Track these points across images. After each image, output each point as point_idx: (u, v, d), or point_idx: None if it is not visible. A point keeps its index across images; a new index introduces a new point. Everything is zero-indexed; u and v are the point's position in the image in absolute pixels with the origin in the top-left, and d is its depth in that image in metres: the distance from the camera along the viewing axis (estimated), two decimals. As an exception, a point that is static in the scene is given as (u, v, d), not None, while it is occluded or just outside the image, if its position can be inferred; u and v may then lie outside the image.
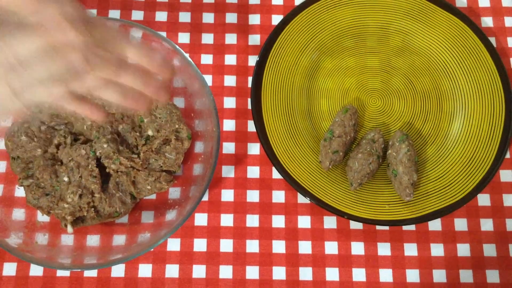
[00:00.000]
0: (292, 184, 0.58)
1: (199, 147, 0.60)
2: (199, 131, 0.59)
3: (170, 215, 0.56)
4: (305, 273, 0.57)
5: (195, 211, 0.59)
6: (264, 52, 0.63)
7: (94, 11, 0.68)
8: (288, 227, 0.59)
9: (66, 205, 0.54)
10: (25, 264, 0.57)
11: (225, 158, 0.62)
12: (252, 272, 0.57)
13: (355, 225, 0.59)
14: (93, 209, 0.55)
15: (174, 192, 0.59)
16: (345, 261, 0.58)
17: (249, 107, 0.64)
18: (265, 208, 0.60)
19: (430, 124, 0.63)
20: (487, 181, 0.58)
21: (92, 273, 0.57)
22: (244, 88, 0.65)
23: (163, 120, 0.58)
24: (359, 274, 0.57)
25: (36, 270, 0.57)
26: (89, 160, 0.55)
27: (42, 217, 0.57)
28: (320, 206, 0.57)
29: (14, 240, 0.53)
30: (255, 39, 0.67)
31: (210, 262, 0.58)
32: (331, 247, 0.58)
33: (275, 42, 0.64)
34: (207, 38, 0.67)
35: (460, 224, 0.60)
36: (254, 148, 0.62)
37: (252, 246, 0.58)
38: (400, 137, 0.58)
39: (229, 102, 0.64)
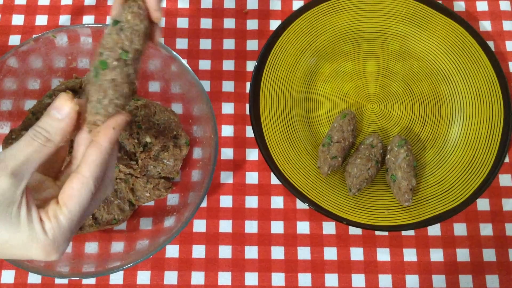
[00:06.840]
0: (290, 189, 0.57)
1: (197, 153, 0.60)
2: (197, 137, 0.59)
3: (169, 222, 0.56)
4: (304, 279, 0.57)
5: (193, 217, 0.58)
6: (262, 57, 0.63)
7: (91, 18, 0.68)
8: (287, 233, 0.59)
9: (64, 213, 0.54)
10: (23, 272, 0.57)
11: (223, 164, 0.62)
12: (251, 279, 0.57)
13: (354, 231, 0.59)
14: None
15: (173, 199, 0.59)
16: (344, 267, 0.58)
17: (247, 112, 0.64)
18: (264, 214, 0.60)
19: (428, 128, 0.63)
20: (486, 185, 0.58)
21: (90, 281, 0.56)
22: (242, 93, 0.65)
23: (161, 127, 0.58)
24: (358, 280, 0.57)
25: (34, 278, 0.56)
26: (87, 167, 0.55)
27: (40, 225, 0.57)
28: (318, 212, 0.57)
29: (12, 248, 0.53)
30: (253, 45, 0.67)
31: (209, 268, 0.57)
32: (330, 253, 0.58)
33: (273, 47, 0.64)
34: (205, 44, 0.67)
35: (460, 229, 0.59)
36: (253, 154, 0.62)
37: (251, 252, 0.58)
38: (399, 142, 0.58)
39: (227, 108, 0.64)
